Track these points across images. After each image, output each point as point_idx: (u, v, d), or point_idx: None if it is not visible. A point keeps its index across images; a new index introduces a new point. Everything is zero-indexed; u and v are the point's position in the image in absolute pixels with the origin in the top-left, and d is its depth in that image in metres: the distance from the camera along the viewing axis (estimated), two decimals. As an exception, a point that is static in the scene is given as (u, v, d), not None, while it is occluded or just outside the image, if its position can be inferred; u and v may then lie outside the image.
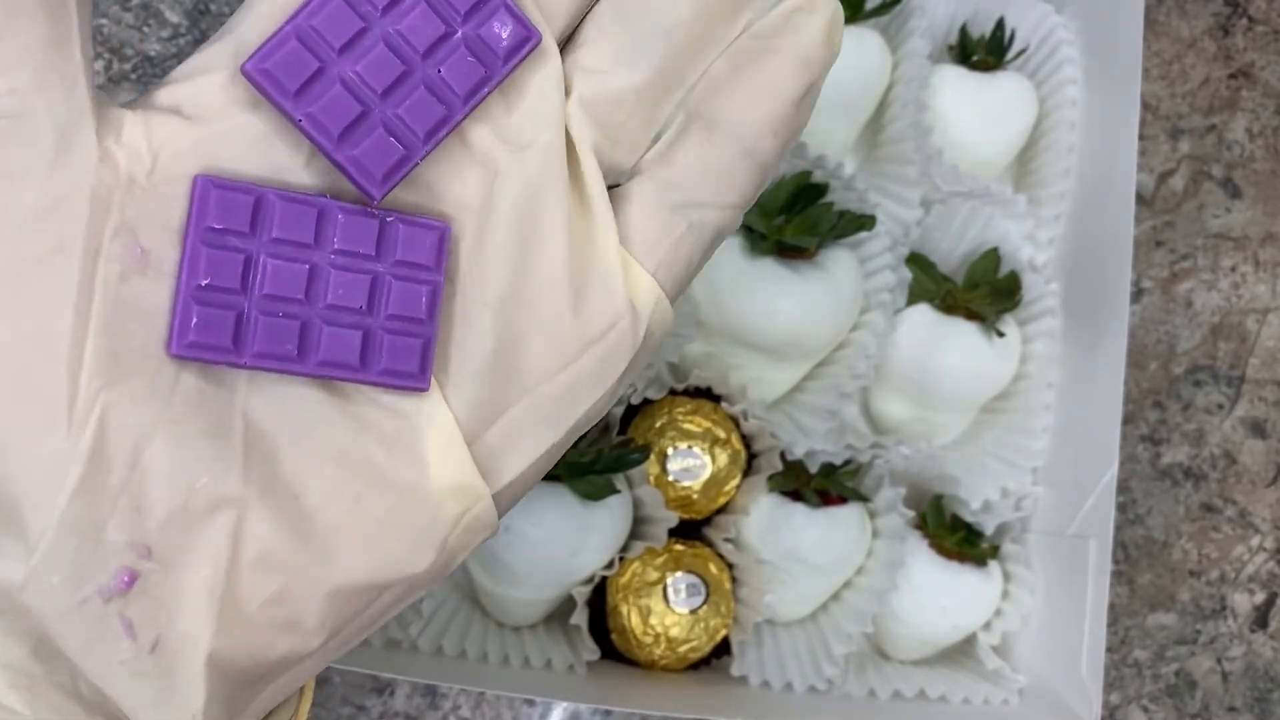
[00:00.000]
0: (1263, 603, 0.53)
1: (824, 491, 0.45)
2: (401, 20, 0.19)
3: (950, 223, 0.49)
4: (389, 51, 0.18)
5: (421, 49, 0.19)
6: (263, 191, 0.18)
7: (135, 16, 0.47)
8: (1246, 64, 0.55)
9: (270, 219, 0.18)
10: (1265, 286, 0.54)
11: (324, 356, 0.19)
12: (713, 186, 0.21)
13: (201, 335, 0.18)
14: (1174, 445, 0.53)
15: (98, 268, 0.17)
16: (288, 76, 0.18)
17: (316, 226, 0.18)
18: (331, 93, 0.18)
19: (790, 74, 0.21)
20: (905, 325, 0.47)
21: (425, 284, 0.19)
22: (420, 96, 0.19)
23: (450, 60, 0.19)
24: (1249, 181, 0.55)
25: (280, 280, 0.18)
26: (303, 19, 0.18)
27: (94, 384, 0.17)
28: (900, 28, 0.48)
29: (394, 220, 0.19)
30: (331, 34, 0.18)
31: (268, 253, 0.18)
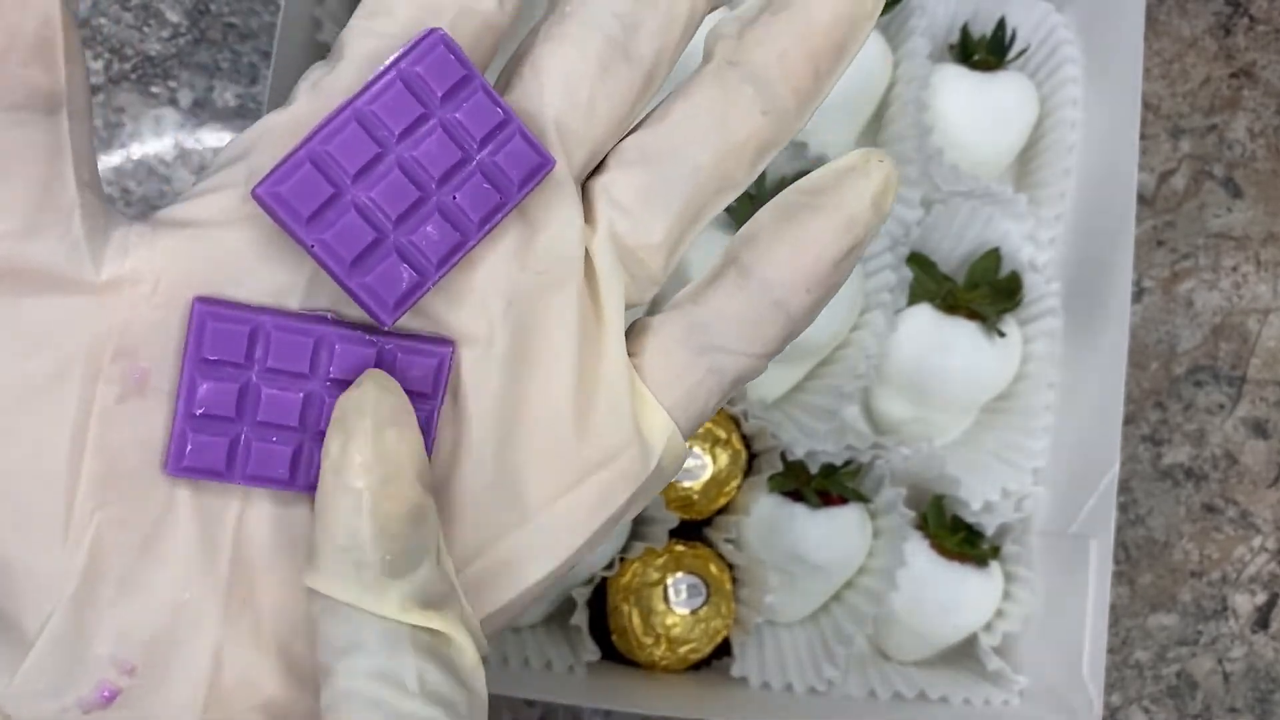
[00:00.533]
0: (1264, 603, 0.53)
1: (824, 492, 0.45)
2: (418, 146, 0.19)
3: (951, 222, 0.49)
4: (404, 177, 0.18)
5: (437, 175, 0.19)
6: (259, 320, 0.18)
7: (135, 16, 0.47)
8: (1248, 63, 0.55)
9: (266, 349, 0.18)
10: (1266, 286, 0.54)
11: (315, 478, 0.19)
12: (740, 334, 0.21)
13: (196, 460, 0.18)
14: (1175, 445, 0.53)
15: (96, 391, 0.18)
16: (301, 202, 0.18)
17: (312, 355, 0.19)
18: (345, 219, 0.18)
19: (833, 234, 0.21)
20: (906, 325, 0.47)
21: (419, 412, 0.19)
22: (435, 223, 0.19)
23: (466, 186, 0.19)
24: (1250, 181, 0.55)
25: (274, 409, 0.18)
26: (318, 143, 0.18)
27: (88, 504, 0.18)
28: (901, 27, 0.48)
29: (392, 348, 0.19)
30: (346, 159, 0.18)
31: (263, 381, 0.18)
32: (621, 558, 0.43)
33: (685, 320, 0.21)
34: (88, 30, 0.46)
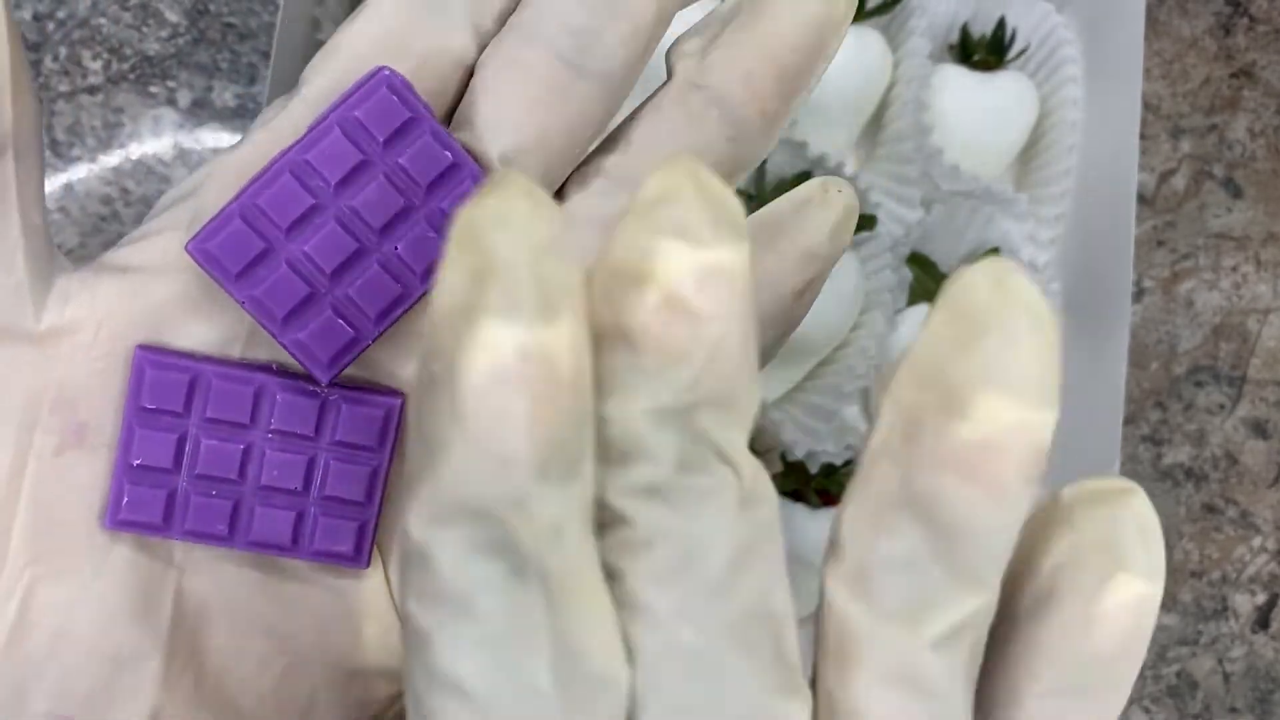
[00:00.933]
0: (1264, 604, 0.53)
1: (825, 492, 0.45)
2: (356, 196, 0.18)
3: (951, 222, 0.49)
4: (341, 229, 0.18)
5: (378, 225, 0.18)
6: (200, 369, 0.18)
7: (134, 16, 0.47)
8: (1248, 63, 0.55)
9: (206, 398, 0.18)
10: (1267, 286, 0.54)
11: (255, 536, 0.18)
12: None
13: (133, 513, 0.18)
14: (1175, 446, 0.53)
15: (33, 442, 0.17)
16: (231, 258, 0.17)
17: (253, 406, 0.18)
18: (276, 275, 0.17)
19: (791, 268, 0.20)
20: (906, 325, 0.47)
21: (366, 465, 0.18)
22: (373, 276, 0.18)
23: (410, 236, 0.18)
24: (1250, 181, 0.55)
25: (213, 460, 0.18)
26: (249, 196, 0.17)
27: (20, 559, 0.17)
28: (901, 27, 0.48)
29: (337, 398, 0.18)
30: (278, 212, 0.17)
31: (203, 432, 0.18)
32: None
33: None
34: (86, 30, 0.46)
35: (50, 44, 0.46)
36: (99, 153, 0.46)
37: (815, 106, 0.46)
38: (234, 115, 0.47)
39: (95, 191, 0.46)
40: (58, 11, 0.46)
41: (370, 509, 0.19)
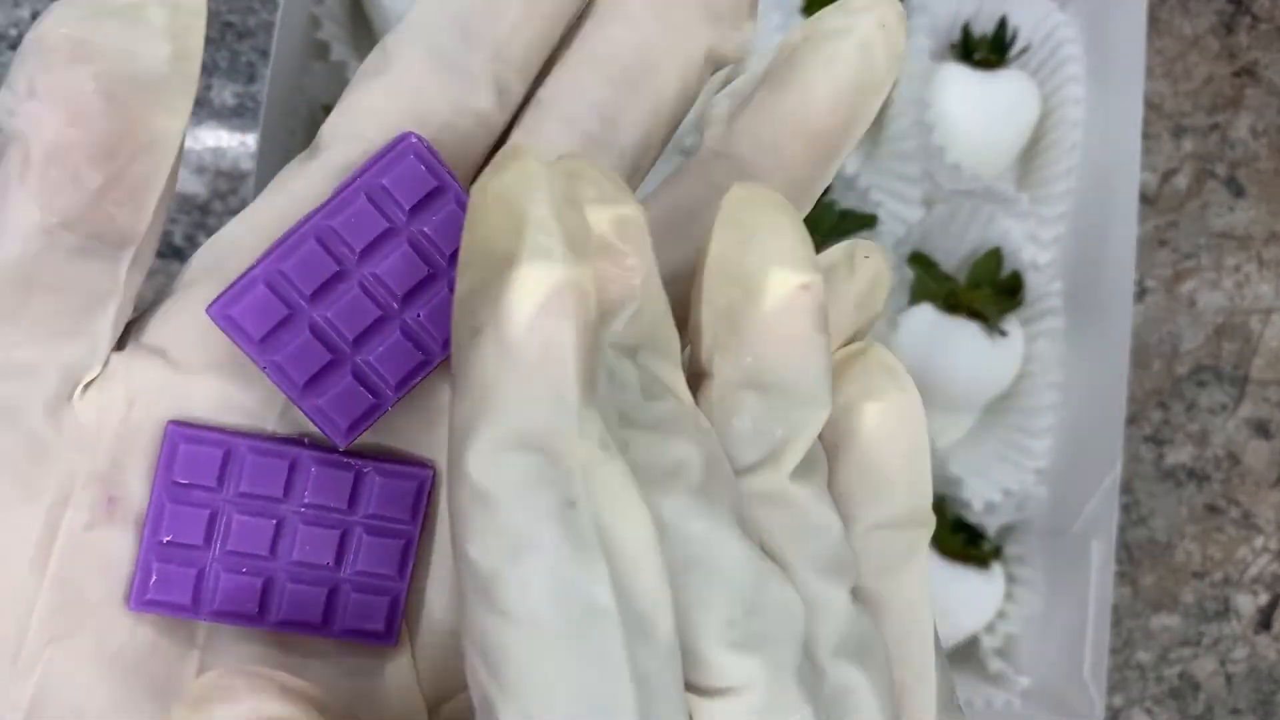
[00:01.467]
0: (1266, 604, 0.53)
1: (825, 492, 0.45)
2: (381, 264, 0.17)
3: (952, 222, 0.48)
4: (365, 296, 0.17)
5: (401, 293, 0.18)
6: (234, 442, 0.18)
7: (133, 15, 0.46)
8: (1250, 62, 0.55)
9: (239, 471, 0.18)
10: (1269, 286, 0.54)
11: (285, 615, 0.18)
12: None
13: (160, 594, 0.17)
14: (1177, 446, 0.53)
15: (64, 516, 0.17)
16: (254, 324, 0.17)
17: (288, 478, 0.18)
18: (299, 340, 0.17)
19: None
20: (907, 325, 0.47)
21: (399, 538, 0.18)
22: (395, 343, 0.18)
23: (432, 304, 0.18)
24: (1253, 180, 0.55)
25: (245, 536, 0.18)
26: (273, 261, 0.17)
27: (40, 638, 0.17)
28: (902, 26, 0.48)
29: (370, 470, 0.18)
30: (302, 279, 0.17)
31: (235, 507, 0.18)
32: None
33: None
34: (85, 28, 0.46)
35: (49, 42, 0.46)
36: (98, 152, 0.46)
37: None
38: (233, 114, 0.47)
39: (94, 190, 0.45)
40: (56, 10, 0.46)
41: (401, 584, 0.18)
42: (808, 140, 0.18)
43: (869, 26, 0.18)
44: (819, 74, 0.18)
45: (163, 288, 0.19)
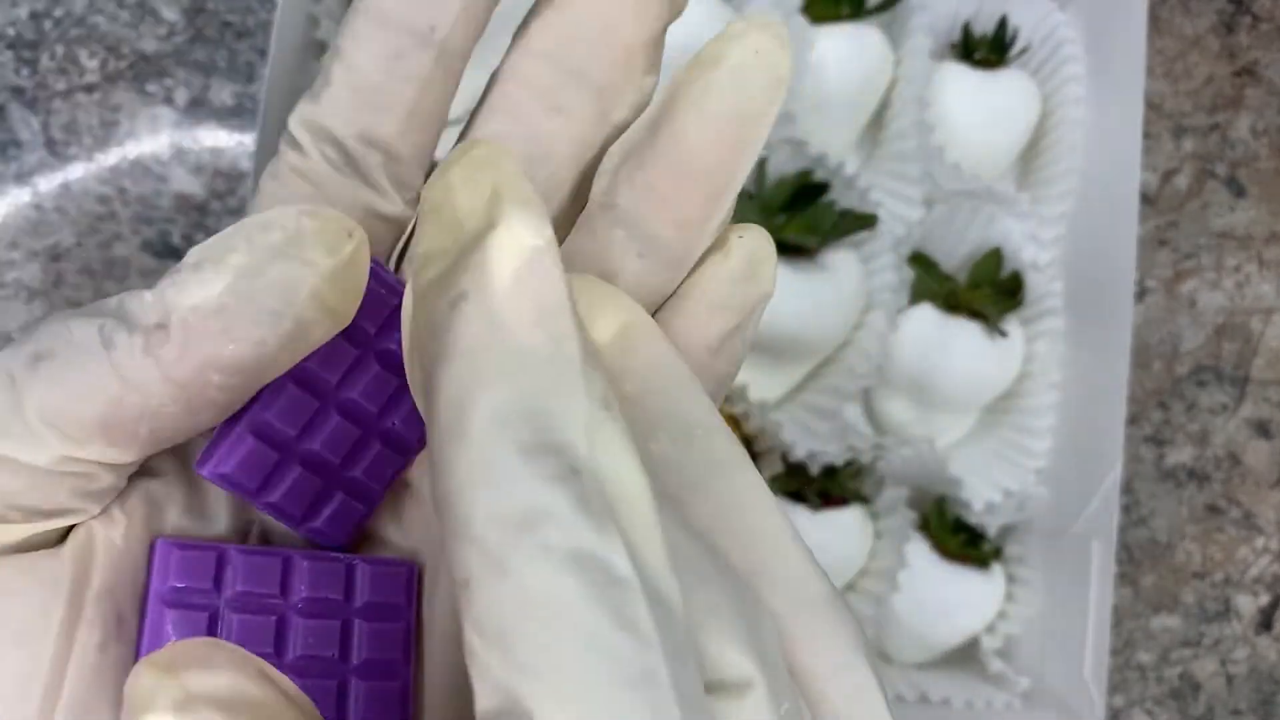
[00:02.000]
0: (1267, 605, 0.53)
1: (826, 493, 0.45)
2: (355, 387, 0.18)
3: (953, 222, 0.48)
4: (346, 421, 0.18)
5: (376, 408, 0.18)
6: (223, 548, 0.18)
7: (131, 14, 0.46)
8: (1250, 62, 0.55)
9: (234, 573, 0.18)
10: (1270, 286, 0.54)
11: None
12: None
13: None
14: (1178, 446, 0.53)
15: (76, 638, 0.16)
16: (248, 476, 0.17)
17: (282, 576, 0.18)
18: (292, 478, 0.18)
19: (697, 324, 0.19)
20: (907, 325, 0.47)
21: (398, 622, 0.18)
22: (378, 454, 0.18)
23: (404, 409, 0.18)
24: (1253, 180, 0.54)
25: (248, 635, 0.17)
26: (257, 411, 0.17)
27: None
28: (903, 26, 0.48)
29: (358, 562, 0.18)
30: (287, 421, 0.17)
31: (232, 607, 0.18)
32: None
33: None
34: (83, 28, 0.46)
35: (47, 42, 0.46)
36: (96, 151, 0.46)
37: (816, 105, 0.46)
38: (231, 114, 0.47)
39: (92, 191, 0.45)
40: (54, 10, 0.46)
41: (408, 668, 0.18)
42: (689, 178, 0.18)
43: (741, 54, 0.18)
44: (692, 110, 0.18)
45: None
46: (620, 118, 0.19)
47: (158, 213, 0.46)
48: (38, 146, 0.45)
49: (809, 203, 0.44)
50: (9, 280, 0.45)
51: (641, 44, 0.18)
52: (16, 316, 0.45)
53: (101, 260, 0.45)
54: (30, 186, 0.45)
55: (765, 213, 0.43)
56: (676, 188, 0.18)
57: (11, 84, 0.45)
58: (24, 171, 0.45)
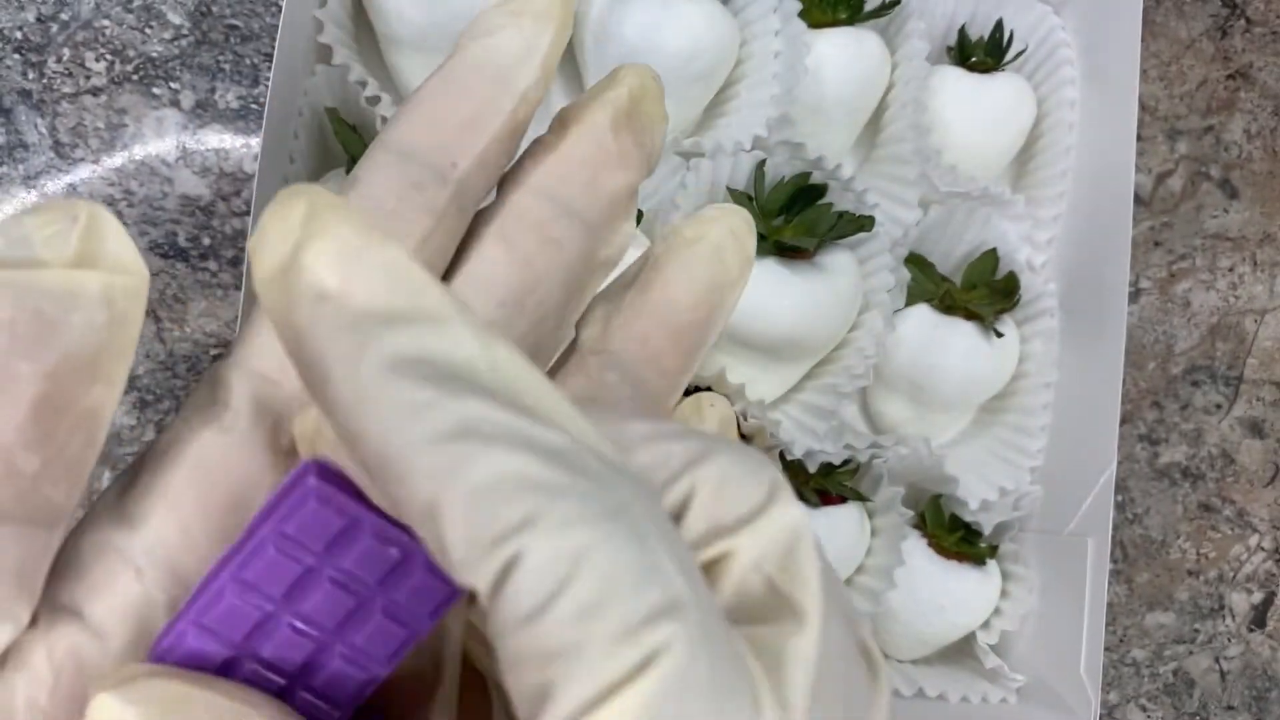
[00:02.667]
0: (1260, 602, 0.53)
1: (823, 491, 0.45)
2: (305, 602, 0.17)
3: (949, 223, 0.49)
4: (297, 636, 0.17)
5: (332, 626, 0.17)
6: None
7: (137, 18, 0.47)
8: (1244, 65, 0.55)
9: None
10: (1263, 287, 0.55)
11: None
12: None
13: None
14: (1172, 445, 0.53)
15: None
16: (194, 665, 0.16)
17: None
18: (279, 635, 0.17)
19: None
20: (904, 325, 0.47)
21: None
22: (336, 669, 0.17)
23: (367, 629, 0.17)
24: (1247, 182, 0.55)
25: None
26: (195, 616, 0.16)
27: None
28: (899, 29, 0.48)
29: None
30: (231, 629, 0.16)
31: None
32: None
33: None
34: (90, 31, 0.46)
35: (54, 45, 0.46)
36: (102, 154, 0.46)
37: (814, 108, 0.47)
38: (237, 116, 0.47)
39: (98, 193, 0.46)
40: (61, 13, 0.46)
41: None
42: (672, 333, 0.20)
43: (720, 234, 0.21)
44: (678, 276, 0.20)
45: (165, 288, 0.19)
46: (605, 256, 0.20)
47: (164, 214, 0.46)
48: (45, 149, 0.46)
49: (807, 205, 0.44)
50: (17, 281, 0.45)
51: (625, 191, 0.20)
52: (24, 317, 0.45)
53: (108, 261, 0.46)
54: (37, 189, 0.46)
55: (763, 215, 0.44)
56: (664, 339, 0.20)
57: (19, 87, 0.46)
58: (31, 174, 0.46)
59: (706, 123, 0.47)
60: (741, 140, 0.44)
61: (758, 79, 0.45)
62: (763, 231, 0.44)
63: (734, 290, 0.21)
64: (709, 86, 0.45)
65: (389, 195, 0.18)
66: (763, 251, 0.44)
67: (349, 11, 0.44)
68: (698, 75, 0.44)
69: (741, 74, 0.46)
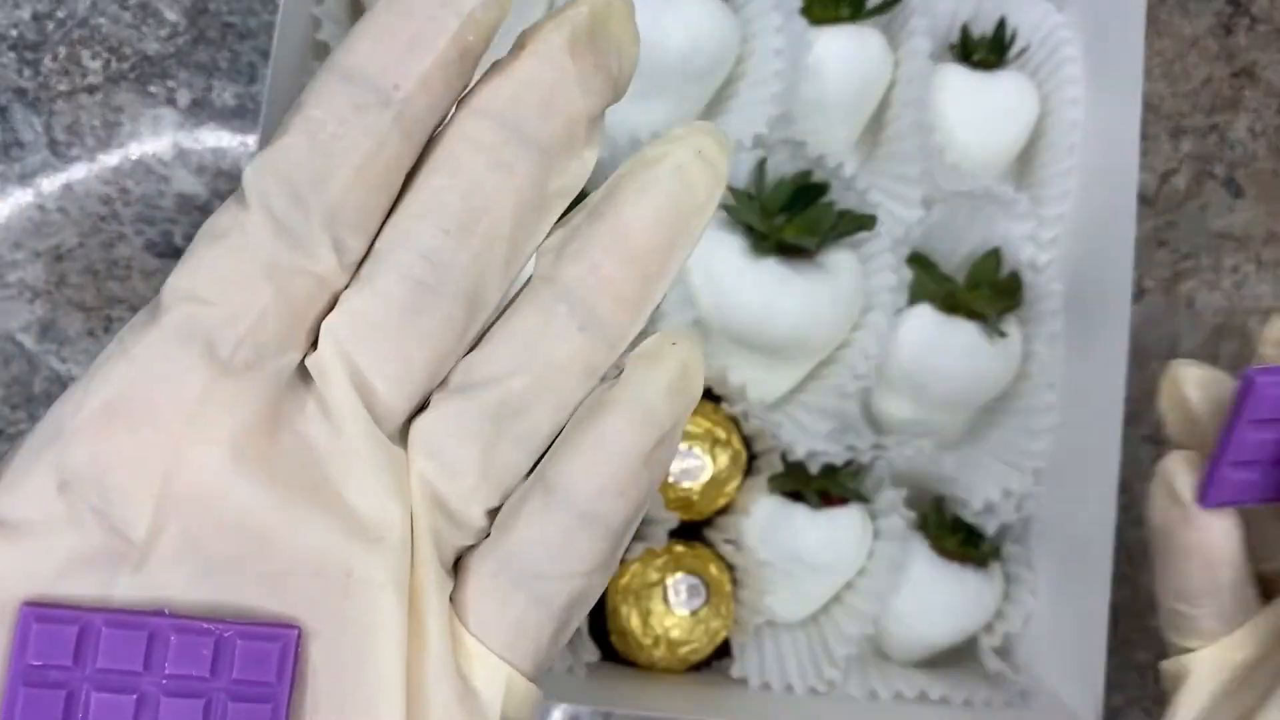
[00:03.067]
0: (1265, 604, 0.53)
1: (825, 492, 0.45)
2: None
3: (952, 222, 0.48)
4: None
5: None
6: (89, 618, 0.17)
7: (134, 15, 0.47)
8: (1249, 63, 0.55)
9: (95, 648, 0.17)
10: (1268, 286, 0.54)
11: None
12: (553, 557, 0.19)
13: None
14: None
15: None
16: None
17: (146, 651, 0.17)
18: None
19: (632, 432, 0.19)
20: (906, 325, 0.47)
21: (266, 701, 0.18)
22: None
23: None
24: (1251, 181, 0.55)
25: (105, 715, 0.17)
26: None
27: None
28: (902, 27, 0.48)
29: (232, 635, 0.18)
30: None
31: (92, 684, 0.17)
32: (621, 558, 0.43)
33: (495, 554, 0.20)
34: (86, 29, 0.46)
35: (50, 43, 0.46)
36: (98, 152, 0.46)
37: (815, 106, 0.46)
38: (234, 115, 0.47)
39: (95, 191, 0.46)
40: (57, 11, 0.46)
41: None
42: (627, 260, 0.19)
43: (684, 153, 0.20)
44: (633, 198, 0.19)
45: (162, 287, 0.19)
46: (560, 185, 0.19)
47: (160, 213, 0.46)
48: (40, 147, 0.46)
49: (808, 203, 0.44)
50: (12, 281, 0.45)
51: (584, 116, 0.19)
52: (19, 317, 0.45)
53: (104, 260, 0.45)
54: (33, 187, 0.45)
55: (765, 214, 0.44)
56: (618, 267, 0.19)
57: (14, 85, 0.46)
58: (27, 172, 0.45)
59: (707, 120, 0.47)
60: (742, 138, 0.44)
61: (759, 76, 0.45)
62: (764, 230, 0.43)
63: (701, 215, 0.20)
64: (709, 84, 0.45)
65: (331, 118, 0.18)
66: (764, 251, 0.43)
67: (346, 8, 0.44)
68: (698, 72, 0.43)
69: (742, 71, 0.46)
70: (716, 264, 0.43)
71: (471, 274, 0.19)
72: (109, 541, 0.18)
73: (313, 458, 0.19)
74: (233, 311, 0.18)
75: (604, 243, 0.19)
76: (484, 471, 0.19)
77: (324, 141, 0.18)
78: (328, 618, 0.18)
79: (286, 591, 0.18)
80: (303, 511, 0.18)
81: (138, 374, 0.18)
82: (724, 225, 0.44)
